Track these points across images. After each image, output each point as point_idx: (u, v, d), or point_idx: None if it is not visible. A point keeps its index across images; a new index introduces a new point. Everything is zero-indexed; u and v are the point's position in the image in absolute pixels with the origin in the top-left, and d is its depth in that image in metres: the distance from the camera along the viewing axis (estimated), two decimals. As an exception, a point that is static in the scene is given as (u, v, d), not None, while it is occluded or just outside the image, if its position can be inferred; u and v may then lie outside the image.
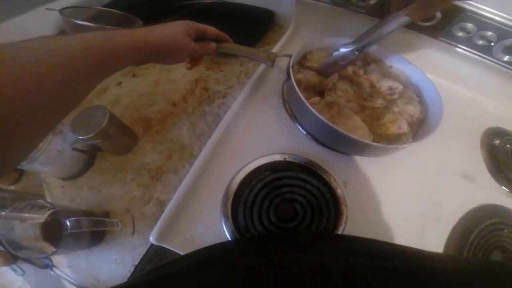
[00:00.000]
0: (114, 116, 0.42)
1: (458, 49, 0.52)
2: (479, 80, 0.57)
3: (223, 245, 0.35)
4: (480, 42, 0.49)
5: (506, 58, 0.50)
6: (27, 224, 0.33)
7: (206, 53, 0.43)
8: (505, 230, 0.45)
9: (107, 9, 0.65)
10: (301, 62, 0.48)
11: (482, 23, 0.47)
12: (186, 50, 0.38)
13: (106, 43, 0.28)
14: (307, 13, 0.61)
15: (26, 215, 0.33)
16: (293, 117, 0.48)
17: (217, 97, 0.55)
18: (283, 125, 0.48)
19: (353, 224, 0.40)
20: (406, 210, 0.44)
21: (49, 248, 0.33)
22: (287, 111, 0.49)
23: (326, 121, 0.38)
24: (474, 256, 0.42)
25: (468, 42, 0.50)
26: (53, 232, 0.33)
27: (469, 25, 0.48)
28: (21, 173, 0.46)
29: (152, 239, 0.34)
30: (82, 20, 0.53)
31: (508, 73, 0.52)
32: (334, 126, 0.38)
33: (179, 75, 0.60)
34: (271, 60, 0.44)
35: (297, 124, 0.47)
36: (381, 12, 0.51)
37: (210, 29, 0.43)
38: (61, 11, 0.56)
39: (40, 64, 0.22)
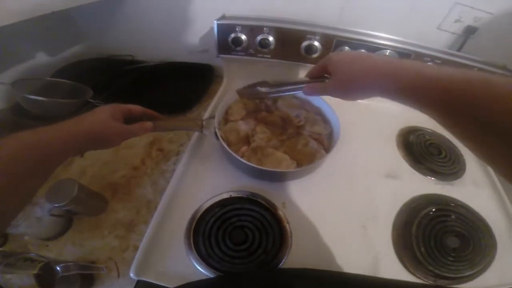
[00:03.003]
0: (82, 186, 0.59)
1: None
2: None
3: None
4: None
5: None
6: (23, 275, 0.46)
7: (144, 133, 0.53)
8: (452, 216, 0.62)
9: (56, 79, 0.81)
10: (226, 118, 0.70)
11: (354, 44, 0.73)
12: (116, 133, 0.48)
13: (41, 142, 0.36)
14: (233, 65, 0.87)
15: (21, 269, 0.47)
16: (232, 163, 0.68)
17: (171, 155, 0.76)
18: (225, 170, 0.68)
19: (298, 236, 0.57)
20: (343, 215, 0.62)
21: (45, 295, 0.47)
22: (226, 159, 0.70)
23: (256, 166, 0.59)
24: (426, 245, 0.57)
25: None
26: (47, 280, 0.47)
27: (346, 48, 0.74)
28: (6, 237, 0.60)
29: (132, 275, 0.50)
30: (33, 93, 0.67)
31: None
32: (262, 167, 0.60)
33: (136, 139, 0.79)
34: (199, 127, 0.64)
35: (236, 168, 0.68)
36: (280, 53, 0.78)
37: (136, 108, 0.54)
38: (13, 84, 0.70)
39: None
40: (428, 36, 0.77)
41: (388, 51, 0.73)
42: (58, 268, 0.48)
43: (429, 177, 0.71)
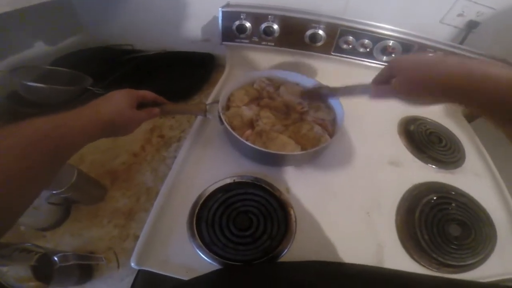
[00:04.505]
0: (81, 172, 0.55)
1: (348, 59, 0.77)
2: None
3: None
4: (361, 49, 0.74)
5: (385, 58, 0.75)
6: (19, 267, 0.43)
7: (152, 118, 0.52)
8: (453, 204, 0.61)
9: (55, 68, 0.78)
10: (228, 105, 0.67)
11: (358, 34, 0.72)
12: (134, 121, 0.47)
13: (58, 130, 0.34)
14: (236, 53, 0.84)
15: (16, 260, 0.43)
16: (235, 147, 0.66)
17: (172, 141, 0.72)
18: (228, 155, 0.65)
19: (302, 222, 0.55)
20: (347, 201, 0.60)
21: (42, 286, 0.43)
22: (230, 144, 0.67)
23: (260, 148, 0.57)
24: (429, 233, 0.56)
25: (353, 51, 0.75)
26: (44, 271, 0.43)
27: (350, 38, 0.72)
28: None
29: (133, 264, 0.47)
30: (32, 81, 0.66)
31: None
32: (268, 150, 0.57)
33: (136, 126, 0.77)
34: (203, 111, 0.61)
35: (239, 153, 0.65)
36: (284, 41, 0.76)
37: (149, 94, 0.52)
38: (12, 72, 0.68)
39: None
40: (430, 29, 0.76)
41: (392, 41, 0.72)
42: (55, 259, 0.45)
43: (430, 165, 0.70)
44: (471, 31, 0.74)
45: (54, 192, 0.52)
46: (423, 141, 0.74)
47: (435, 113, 0.84)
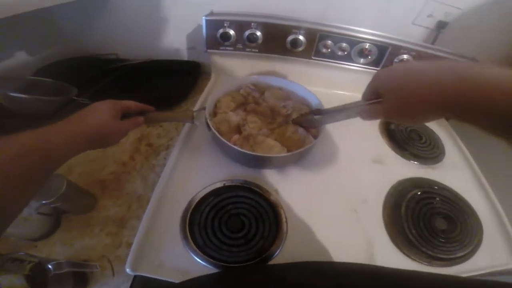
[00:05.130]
0: (71, 182, 0.55)
1: (327, 62, 0.81)
2: (352, 82, 0.85)
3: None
4: (340, 53, 0.78)
5: (362, 60, 0.79)
6: (12, 277, 0.42)
7: (136, 127, 0.53)
8: (437, 198, 0.64)
9: (39, 78, 0.77)
10: (215, 112, 0.69)
11: (336, 38, 0.75)
12: (119, 132, 0.48)
13: (44, 145, 0.34)
14: (221, 60, 0.86)
15: (9, 270, 0.43)
16: (224, 152, 0.67)
17: (161, 150, 0.74)
18: (217, 160, 0.66)
19: (293, 222, 0.57)
20: (334, 199, 0.62)
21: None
22: (218, 149, 0.69)
23: (248, 151, 0.58)
24: (416, 227, 0.58)
25: (332, 55, 0.79)
26: (38, 280, 0.43)
27: (329, 42, 0.76)
28: None
29: (128, 270, 0.47)
30: (15, 91, 0.65)
31: (369, 72, 0.81)
32: (255, 153, 0.59)
33: (123, 136, 0.77)
34: (190, 118, 0.63)
35: (228, 157, 0.67)
36: (267, 48, 0.79)
37: (133, 104, 0.52)
38: None
39: None
40: (404, 30, 0.80)
41: (368, 44, 0.76)
42: (50, 267, 0.45)
43: (412, 161, 0.73)
44: (441, 32, 0.79)
45: (43, 202, 0.52)
46: (404, 138, 0.78)
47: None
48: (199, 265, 0.50)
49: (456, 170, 0.74)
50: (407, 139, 0.78)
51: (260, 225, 0.56)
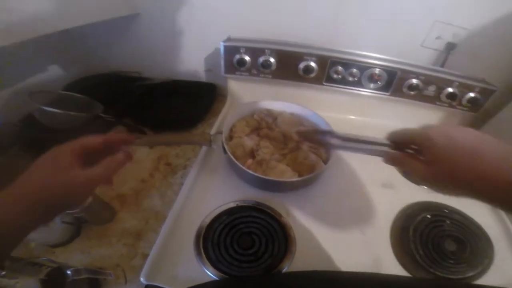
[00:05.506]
0: (94, 194, 0.60)
1: (339, 88, 0.84)
2: (362, 107, 0.89)
3: None
4: (350, 78, 0.81)
5: (372, 85, 0.82)
6: (28, 280, 0.45)
7: (116, 168, 0.39)
8: (447, 222, 0.64)
9: (70, 93, 0.82)
10: (230, 135, 0.74)
11: (346, 64, 0.79)
12: (79, 184, 0.34)
13: None
14: (237, 85, 0.91)
15: (27, 274, 0.46)
16: (238, 175, 0.71)
17: (178, 169, 0.78)
18: (232, 181, 0.70)
19: (302, 242, 0.59)
20: (343, 222, 0.64)
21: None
22: (233, 171, 0.72)
23: (262, 176, 0.62)
24: (424, 248, 0.59)
25: (343, 81, 0.82)
26: (54, 285, 0.46)
27: (339, 68, 0.79)
28: None
29: (142, 279, 0.50)
30: (47, 105, 0.70)
31: (379, 97, 0.84)
32: (268, 177, 0.63)
33: (143, 154, 0.82)
34: (208, 141, 0.67)
35: (242, 180, 0.70)
36: (280, 74, 0.83)
37: (93, 141, 0.39)
38: (30, 95, 0.72)
39: None
40: (414, 53, 0.83)
41: (377, 69, 0.79)
42: (69, 272, 0.48)
43: (423, 186, 0.74)
44: (450, 53, 0.80)
45: (68, 212, 0.57)
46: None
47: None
48: (210, 279, 0.52)
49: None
50: (418, 162, 0.79)
51: (270, 243, 0.58)
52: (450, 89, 0.79)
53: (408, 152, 0.43)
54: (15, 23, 0.57)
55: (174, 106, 0.95)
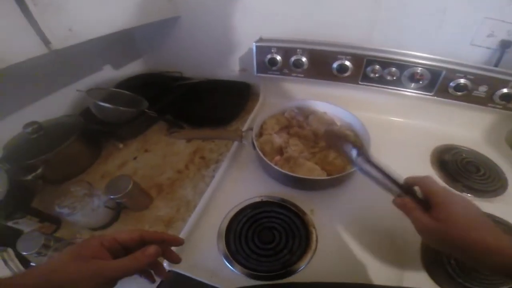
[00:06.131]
0: (135, 182, 0.66)
1: (376, 87, 0.81)
2: (402, 107, 0.84)
3: None
4: (389, 77, 0.78)
5: (413, 85, 0.78)
6: None
7: (147, 261, 0.37)
8: None
9: (119, 90, 0.92)
10: (261, 132, 0.76)
11: (384, 63, 0.76)
12: (82, 279, 0.32)
13: None
14: (269, 84, 0.94)
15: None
16: (266, 171, 0.73)
17: (211, 163, 0.83)
18: (259, 177, 0.73)
19: (324, 242, 0.59)
20: (371, 227, 0.62)
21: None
22: (261, 167, 0.75)
23: (288, 172, 0.63)
24: (458, 259, 0.55)
25: (381, 80, 0.79)
26: None
27: (377, 67, 0.77)
28: (59, 223, 0.68)
29: (165, 264, 0.54)
30: (102, 100, 0.78)
31: (421, 97, 0.79)
32: (294, 174, 0.63)
33: (181, 147, 0.89)
34: (239, 137, 0.71)
35: (269, 176, 0.72)
36: (313, 73, 0.83)
37: (124, 237, 0.38)
38: (88, 92, 0.82)
39: None
40: (462, 52, 0.77)
41: (420, 68, 0.74)
42: None
43: (465, 194, 0.69)
44: (506, 51, 0.73)
45: (111, 197, 0.64)
46: (458, 170, 0.73)
47: (475, 141, 0.83)
48: (227, 270, 0.55)
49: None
50: (461, 171, 0.73)
51: (290, 240, 0.60)
52: (505, 90, 0.72)
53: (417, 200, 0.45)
54: (77, 26, 0.64)
55: (211, 104, 1.00)
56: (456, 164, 0.75)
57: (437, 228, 0.40)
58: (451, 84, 0.75)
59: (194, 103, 1.01)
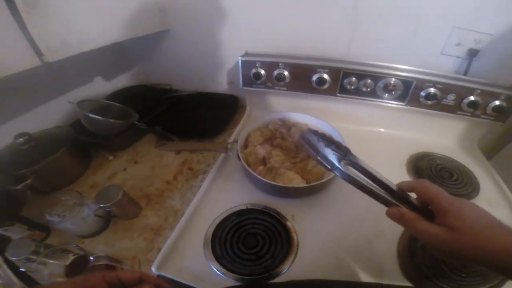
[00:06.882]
0: (125, 192, 0.69)
1: (352, 99, 0.86)
2: (377, 117, 0.90)
3: None
4: (364, 89, 0.83)
5: (386, 95, 0.83)
6: (55, 265, 0.53)
7: None
8: None
9: (110, 102, 0.94)
10: (246, 144, 0.81)
11: (360, 75, 0.81)
12: None
13: None
14: (254, 96, 0.99)
15: (52, 260, 0.53)
16: (250, 180, 0.77)
17: (199, 174, 0.86)
18: (244, 186, 0.77)
19: (304, 247, 0.63)
20: (349, 230, 0.66)
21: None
22: (245, 177, 0.79)
23: (270, 181, 0.68)
24: (433, 260, 0.58)
25: (357, 91, 0.84)
26: (78, 271, 0.54)
27: (353, 79, 0.82)
28: (47, 233, 0.69)
29: (153, 269, 0.57)
30: (92, 112, 0.80)
31: (395, 107, 0.84)
32: (276, 183, 0.68)
33: (170, 158, 0.92)
34: (225, 149, 0.76)
35: (253, 185, 0.76)
36: (294, 86, 0.88)
37: (126, 276, 0.40)
38: (78, 104, 0.84)
39: None
40: (433, 61, 0.82)
41: (393, 79, 0.80)
42: (91, 258, 0.56)
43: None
44: (473, 60, 0.78)
45: (101, 205, 0.66)
46: (433, 176, 0.78)
47: (449, 148, 0.89)
48: (214, 273, 0.59)
49: (490, 207, 0.70)
50: (435, 177, 0.78)
51: (273, 245, 0.63)
52: (471, 97, 0.77)
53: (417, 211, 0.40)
54: (70, 38, 0.67)
55: (200, 117, 1.04)
56: (430, 170, 0.80)
57: (452, 238, 0.35)
58: (422, 93, 0.80)
59: (183, 115, 1.05)
